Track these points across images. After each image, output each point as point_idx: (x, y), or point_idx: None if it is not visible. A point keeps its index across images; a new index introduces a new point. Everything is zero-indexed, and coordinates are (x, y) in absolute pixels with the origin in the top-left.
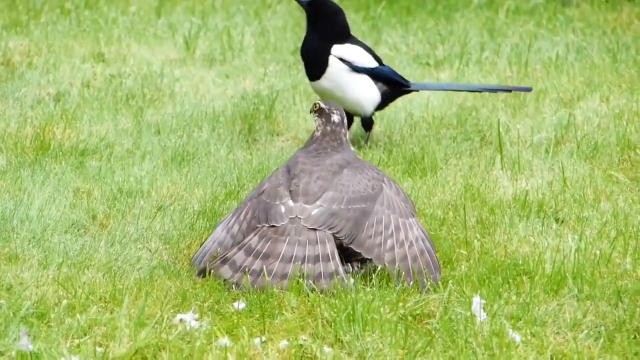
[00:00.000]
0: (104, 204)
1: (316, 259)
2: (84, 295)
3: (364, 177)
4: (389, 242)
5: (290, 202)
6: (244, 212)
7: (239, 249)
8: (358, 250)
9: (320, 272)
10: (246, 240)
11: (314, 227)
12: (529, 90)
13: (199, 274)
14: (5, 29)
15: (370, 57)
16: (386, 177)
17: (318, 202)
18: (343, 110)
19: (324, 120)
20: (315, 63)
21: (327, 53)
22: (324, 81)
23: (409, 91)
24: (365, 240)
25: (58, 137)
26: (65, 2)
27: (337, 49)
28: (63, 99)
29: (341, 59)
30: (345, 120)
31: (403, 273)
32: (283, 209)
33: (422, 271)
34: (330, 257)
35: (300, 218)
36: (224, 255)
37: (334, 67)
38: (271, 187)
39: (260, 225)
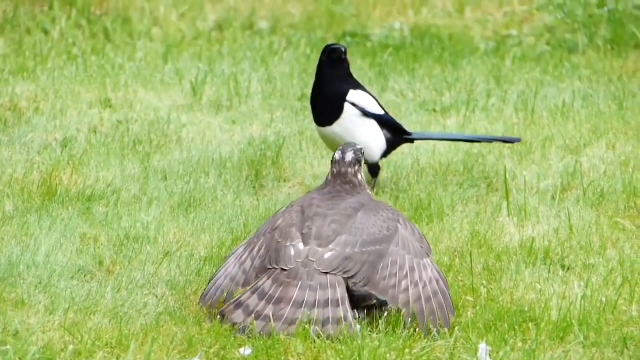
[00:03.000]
0: (110, 249)
1: (326, 304)
2: (90, 341)
3: (379, 219)
4: (403, 283)
5: (301, 245)
6: (257, 248)
7: (253, 292)
8: (372, 292)
9: (329, 318)
10: (260, 283)
11: (328, 271)
12: (518, 140)
13: (209, 308)
14: (12, 75)
15: (376, 103)
16: (402, 217)
17: (331, 246)
18: (360, 152)
19: (335, 160)
20: (329, 109)
21: (343, 99)
22: (336, 127)
23: (410, 140)
24: (380, 281)
25: (65, 182)
26: (72, 47)
27: (352, 95)
28: (70, 145)
29: (353, 104)
30: (361, 160)
31: (418, 315)
32: (293, 252)
33: (434, 312)
34: (340, 302)
35: (312, 261)
36: (238, 299)
37: (348, 113)
38: (284, 226)
39: (272, 267)
